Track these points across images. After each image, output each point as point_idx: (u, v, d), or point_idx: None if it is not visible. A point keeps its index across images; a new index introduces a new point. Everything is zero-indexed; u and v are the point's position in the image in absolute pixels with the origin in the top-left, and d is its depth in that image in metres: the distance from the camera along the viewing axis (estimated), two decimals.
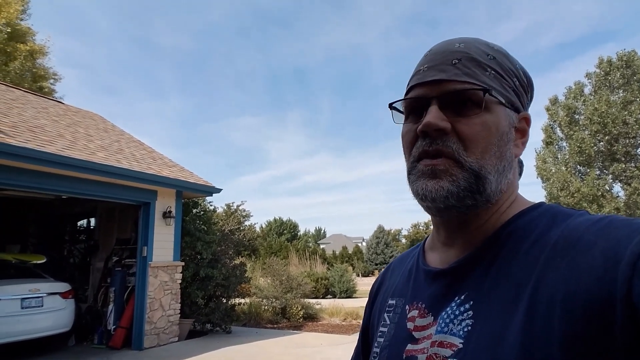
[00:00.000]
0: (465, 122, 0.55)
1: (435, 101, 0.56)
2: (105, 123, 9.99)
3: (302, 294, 10.24)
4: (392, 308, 0.68)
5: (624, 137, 17.26)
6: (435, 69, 0.57)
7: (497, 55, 0.58)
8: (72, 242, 9.46)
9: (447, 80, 0.56)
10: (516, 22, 58.95)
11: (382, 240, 34.88)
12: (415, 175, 0.57)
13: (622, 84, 17.53)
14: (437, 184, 0.54)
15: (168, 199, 7.47)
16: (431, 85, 0.57)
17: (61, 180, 5.86)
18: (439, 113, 0.55)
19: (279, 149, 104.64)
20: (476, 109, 0.55)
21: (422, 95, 0.57)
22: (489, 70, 0.57)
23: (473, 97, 0.55)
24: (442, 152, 0.55)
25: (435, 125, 0.54)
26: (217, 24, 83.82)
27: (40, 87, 16.30)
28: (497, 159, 0.56)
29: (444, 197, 0.54)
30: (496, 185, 0.56)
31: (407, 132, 0.60)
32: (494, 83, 0.56)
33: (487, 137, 0.55)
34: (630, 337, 0.38)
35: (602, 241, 0.44)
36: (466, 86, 0.55)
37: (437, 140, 0.55)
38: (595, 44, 54.62)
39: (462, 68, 0.56)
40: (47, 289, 6.15)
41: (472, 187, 0.54)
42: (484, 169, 0.55)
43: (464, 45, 0.58)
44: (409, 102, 0.60)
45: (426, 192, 0.55)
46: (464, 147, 0.54)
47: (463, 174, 0.54)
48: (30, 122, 6.72)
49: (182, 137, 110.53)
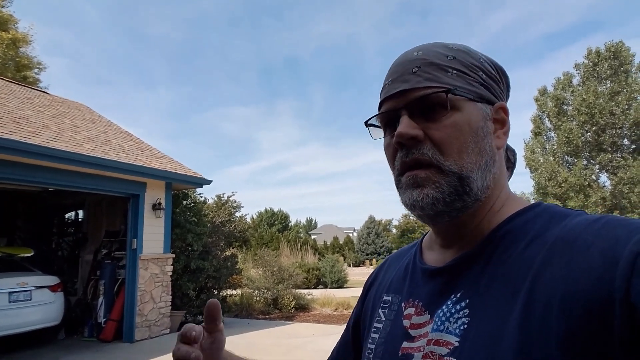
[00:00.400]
0: (436, 127, 0.55)
1: (405, 111, 0.57)
2: (92, 114, 9.81)
3: (293, 285, 10.29)
4: (388, 304, 0.67)
5: (611, 127, 17.51)
6: (398, 80, 0.58)
7: (457, 54, 0.59)
8: (60, 234, 9.35)
9: (411, 89, 0.57)
10: (507, 12, 59.07)
11: (373, 230, 35.12)
12: (403, 188, 0.58)
13: (610, 75, 17.72)
14: (421, 192, 0.55)
15: (157, 191, 7.39)
16: (397, 97, 0.58)
17: (47, 172, 5.76)
18: (409, 122, 0.56)
19: (270, 140, 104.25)
20: (443, 110, 0.56)
21: (392, 108, 0.59)
22: (450, 70, 0.57)
23: (438, 100, 0.55)
24: (419, 161, 0.56)
25: (407, 135, 0.55)
26: (208, 14, 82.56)
27: (24, 77, 15.94)
28: (477, 155, 0.56)
29: (431, 204, 0.55)
30: (482, 182, 0.56)
31: (387, 145, 0.61)
32: (458, 82, 0.57)
33: (460, 137, 0.55)
34: (628, 336, 0.38)
35: (600, 241, 0.44)
36: (428, 91, 0.56)
37: (413, 149, 0.56)
38: (584, 34, 55.15)
39: (423, 74, 0.57)
40: (35, 283, 6.09)
41: (458, 190, 0.55)
42: (465, 169, 0.55)
43: (422, 52, 0.59)
44: (382, 117, 0.61)
45: (413, 202, 0.56)
46: (440, 152, 0.55)
47: (445, 179, 0.55)
48: (14, 112, 6.57)
49: (173, 128, 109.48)
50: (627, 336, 0.38)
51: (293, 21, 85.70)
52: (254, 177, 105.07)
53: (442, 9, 67.65)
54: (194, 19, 78.16)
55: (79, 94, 61.60)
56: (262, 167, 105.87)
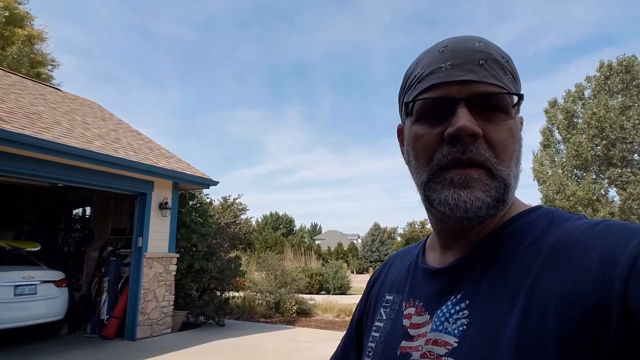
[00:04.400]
0: (494, 128, 0.53)
1: (464, 103, 0.52)
2: (103, 112, 9.92)
3: (296, 289, 10.26)
4: (389, 304, 0.68)
5: (621, 142, 17.33)
6: (462, 68, 0.53)
7: (509, 59, 0.57)
8: (67, 230, 9.41)
9: (477, 82, 0.52)
10: (515, 24, 58.99)
11: (377, 237, 34.96)
12: (441, 184, 0.54)
13: (621, 89, 17.58)
14: (471, 194, 0.52)
15: (164, 190, 7.44)
16: (459, 85, 0.53)
17: (57, 168, 5.82)
18: (470, 116, 0.51)
19: (277, 143, 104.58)
20: (504, 114, 0.53)
21: (448, 96, 0.53)
22: (508, 73, 0.55)
23: (502, 102, 0.53)
24: (475, 161, 0.52)
25: (471, 130, 0.51)
26: (218, 16, 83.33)
27: (38, 73, 16.16)
28: (516, 166, 0.55)
29: (478, 208, 0.52)
30: (513, 192, 0.55)
31: (424, 135, 0.55)
32: (512, 86, 0.55)
33: (513, 144, 0.54)
34: (625, 339, 0.38)
35: (599, 244, 0.44)
36: (497, 90, 0.53)
37: (470, 146, 0.52)
38: (593, 48, 54.84)
39: (490, 70, 0.53)
40: (40, 277, 6.13)
41: (501, 197, 0.53)
42: (509, 177, 0.54)
43: (483, 44, 0.55)
44: (426, 102, 0.55)
45: (459, 202, 0.52)
46: (495, 155, 0.52)
47: (494, 183, 0.52)
48: (27, 108, 6.66)
49: (180, 128, 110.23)
50: (624, 339, 0.38)
51: (302, 26, 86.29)
52: (259, 180, 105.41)
53: (451, 19, 67.72)
54: (204, 20, 79.03)
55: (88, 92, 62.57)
56: (268, 171, 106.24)
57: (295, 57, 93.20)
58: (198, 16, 73.94)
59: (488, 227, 0.57)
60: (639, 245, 0.41)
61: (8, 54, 15.04)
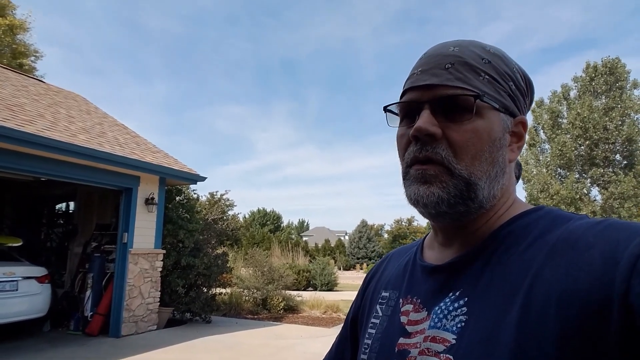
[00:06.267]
0: (456, 129, 0.55)
1: (427, 106, 0.56)
2: (88, 105, 9.72)
3: (283, 286, 10.24)
4: (385, 300, 0.68)
5: (604, 142, 17.71)
6: (428, 72, 0.57)
7: (493, 59, 0.58)
8: (50, 225, 9.23)
9: (439, 85, 0.55)
10: (503, 24, 59.65)
11: (364, 234, 35.16)
12: (409, 180, 0.58)
13: (605, 90, 17.95)
14: (427, 189, 0.55)
15: (151, 186, 7.34)
16: (423, 89, 0.57)
17: (40, 161, 5.68)
18: (430, 118, 0.55)
19: (265, 140, 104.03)
20: (467, 114, 0.55)
21: (415, 99, 0.57)
22: (482, 74, 0.56)
23: (464, 103, 0.55)
24: (431, 159, 0.55)
25: (426, 131, 0.54)
26: (207, 10, 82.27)
27: (20, 64, 15.75)
28: (489, 165, 0.56)
29: (435, 203, 0.55)
30: (488, 192, 0.56)
31: (401, 135, 0.60)
32: (487, 88, 0.56)
33: (477, 144, 0.55)
34: (625, 337, 0.38)
35: (601, 243, 0.44)
36: (457, 92, 0.55)
37: (427, 146, 0.55)
38: (578, 50, 55.83)
39: (455, 73, 0.55)
40: (22, 273, 6.00)
41: (463, 194, 0.54)
42: (473, 176, 0.55)
43: (458, 49, 0.58)
44: (403, 106, 0.60)
45: (418, 197, 0.56)
46: (454, 154, 0.54)
47: (453, 181, 0.54)
48: (9, 100, 6.49)
49: (167, 123, 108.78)
50: (624, 337, 0.38)
51: (291, 22, 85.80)
52: (247, 176, 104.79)
53: (440, 19, 68.15)
54: (192, 14, 77.88)
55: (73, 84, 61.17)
56: (256, 167, 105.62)
57: (284, 54, 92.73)
58: (186, 10, 72.90)
59: (488, 225, 0.57)
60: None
61: None
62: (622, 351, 0.38)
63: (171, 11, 66.75)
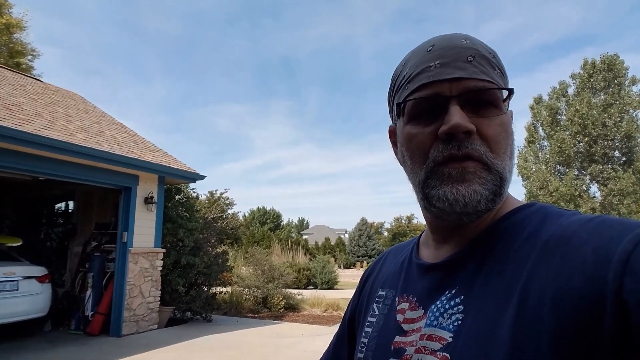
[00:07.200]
0: (487, 123, 0.53)
1: (456, 100, 0.53)
2: (86, 104, 9.69)
3: (283, 284, 10.25)
4: (382, 299, 0.68)
5: (603, 139, 17.72)
6: (452, 65, 0.54)
7: (495, 54, 0.58)
8: (49, 225, 9.21)
9: (467, 78, 0.53)
10: (500, 23, 59.62)
11: (364, 232, 35.14)
12: (439, 180, 0.54)
13: (604, 87, 17.95)
14: (469, 187, 0.52)
15: (150, 184, 7.32)
16: (450, 83, 0.53)
17: (38, 161, 5.66)
18: (463, 114, 0.52)
19: (264, 138, 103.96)
20: (496, 109, 0.54)
21: (439, 94, 0.54)
22: (496, 68, 0.56)
23: (493, 97, 0.54)
24: (471, 156, 0.52)
25: (465, 127, 0.51)
26: (206, 10, 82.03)
27: (17, 64, 15.70)
28: (510, 159, 0.56)
29: (477, 202, 0.52)
30: (508, 186, 0.56)
31: (418, 134, 0.56)
32: (501, 81, 0.56)
33: (506, 138, 0.55)
34: (619, 334, 0.38)
35: (594, 239, 0.44)
36: (487, 85, 0.53)
37: (465, 143, 0.52)
38: (576, 47, 55.87)
39: (479, 66, 0.54)
40: (22, 273, 5.99)
41: (498, 190, 0.53)
42: (505, 170, 0.54)
43: (470, 41, 0.56)
44: (418, 102, 0.56)
45: (457, 197, 0.52)
46: (490, 149, 0.53)
47: (491, 176, 0.53)
48: (6, 99, 6.46)
49: (166, 122, 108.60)
50: (617, 334, 0.38)
51: (290, 21, 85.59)
52: (246, 174, 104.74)
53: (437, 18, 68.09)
54: (191, 14, 77.66)
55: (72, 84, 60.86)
56: (255, 165, 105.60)
57: (283, 53, 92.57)
58: (185, 10, 72.68)
59: (483, 222, 0.57)
60: (633, 240, 0.41)
61: None
62: (616, 348, 0.38)
63: (169, 11, 66.57)
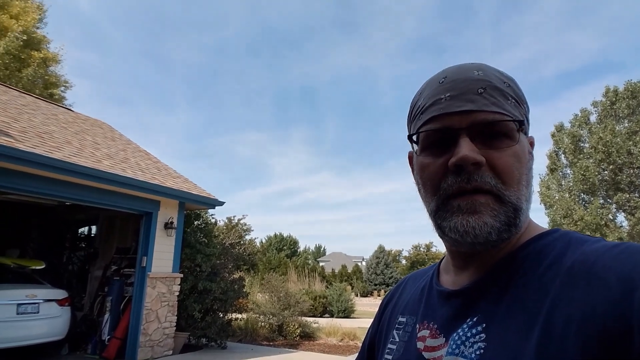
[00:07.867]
0: (499, 155, 0.53)
1: (466, 133, 0.53)
2: (113, 132, 10.08)
3: (299, 312, 10.10)
4: (402, 326, 0.67)
5: (629, 167, 17.22)
6: (461, 98, 0.54)
7: (510, 82, 0.58)
8: (72, 249, 9.42)
9: (477, 111, 0.54)
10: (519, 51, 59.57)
11: (382, 260, 34.54)
12: (449, 212, 0.54)
13: (628, 114, 17.59)
14: (479, 219, 0.52)
15: (170, 210, 7.47)
16: (459, 115, 0.54)
17: (66, 186, 5.89)
18: (472, 146, 0.53)
19: (283, 165, 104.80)
20: (508, 140, 0.54)
21: (450, 126, 0.54)
22: (510, 98, 0.56)
23: (504, 129, 0.54)
24: (481, 189, 0.52)
25: (473, 159, 0.52)
26: (228, 42, 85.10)
27: (50, 94, 16.52)
28: (526, 188, 0.55)
29: (487, 233, 0.52)
30: (526, 215, 0.55)
31: (429, 165, 0.57)
32: (515, 111, 0.56)
33: (519, 168, 0.54)
34: None
35: (618, 267, 0.44)
36: (497, 117, 0.53)
37: (474, 175, 0.52)
38: (596, 75, 55.24)
39: (489, 98, 0.54)
40: (44, 295, 6.10)
41: (511, 221, 0.53)
42: (519, 200, 0.54)
43: (482, 73, 0.56)
44: (429, 134, 0.57)
45: (467, 229, 0.52)
46: (502, 181, 0.53)
47: (503, 208, 0.53)
48: (39, 127, 6.80)
49: (188, 150, 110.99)
50: None
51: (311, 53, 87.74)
52: (265, 201, 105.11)
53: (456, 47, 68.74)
54: (215, 46, 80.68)
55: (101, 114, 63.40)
56: (274, 192, 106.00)
57: (303, 82, 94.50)
58: (209, 42, 75.59)
59: (504, 249, 0.56)
60: None
61: (23, 76, 15.42)
62: None
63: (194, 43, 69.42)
